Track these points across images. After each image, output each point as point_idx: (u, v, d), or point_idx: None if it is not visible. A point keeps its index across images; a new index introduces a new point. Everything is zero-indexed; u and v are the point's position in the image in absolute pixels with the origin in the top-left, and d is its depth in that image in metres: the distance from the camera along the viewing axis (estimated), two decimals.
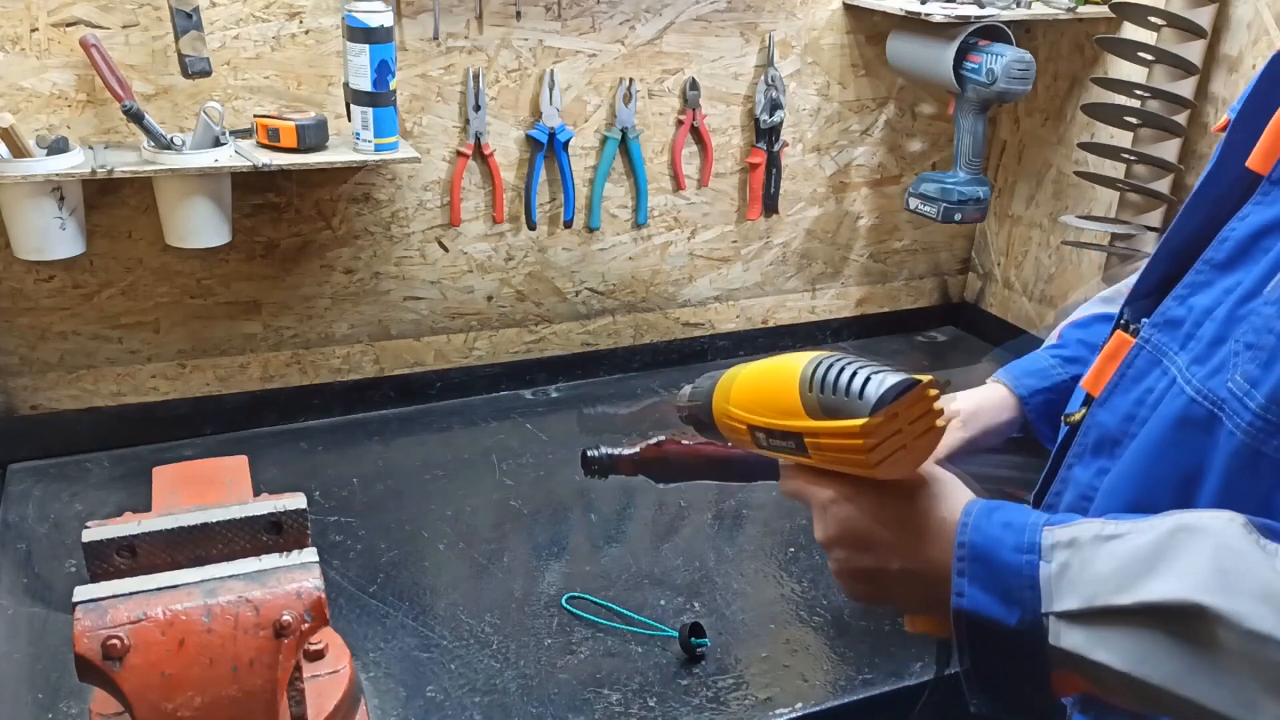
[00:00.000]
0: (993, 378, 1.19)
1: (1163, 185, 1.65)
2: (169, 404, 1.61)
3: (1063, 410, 0.92)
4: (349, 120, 1.45)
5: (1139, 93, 1.61)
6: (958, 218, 1.77)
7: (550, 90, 1.64)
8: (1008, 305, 2.08)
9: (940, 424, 0.74)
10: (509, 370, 1.82)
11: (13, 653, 1.16)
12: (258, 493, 0.97)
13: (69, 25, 1.36)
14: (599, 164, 1.72)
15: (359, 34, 1.37)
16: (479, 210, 1.69)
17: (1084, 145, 1.75)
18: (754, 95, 1.80)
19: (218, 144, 1.38)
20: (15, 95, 1.37)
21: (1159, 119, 1.60)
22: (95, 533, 0.86)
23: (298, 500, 0.93)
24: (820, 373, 0.73)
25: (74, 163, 1.32)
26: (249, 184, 1.51)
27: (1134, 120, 1.63)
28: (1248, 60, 1.56)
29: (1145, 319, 0.83)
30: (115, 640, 0.77)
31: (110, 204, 1.47)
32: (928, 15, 1.63)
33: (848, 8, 1.80)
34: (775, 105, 1.80)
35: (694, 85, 1.74)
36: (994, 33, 1.68)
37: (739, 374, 0.80)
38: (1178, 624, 0.65)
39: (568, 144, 1.68)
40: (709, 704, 1.10)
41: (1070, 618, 0.68)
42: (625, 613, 1.23)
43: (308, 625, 0.82)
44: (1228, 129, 0.84)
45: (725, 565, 1.35)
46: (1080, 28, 1.81)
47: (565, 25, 1.63)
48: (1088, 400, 0.89)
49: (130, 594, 0.80)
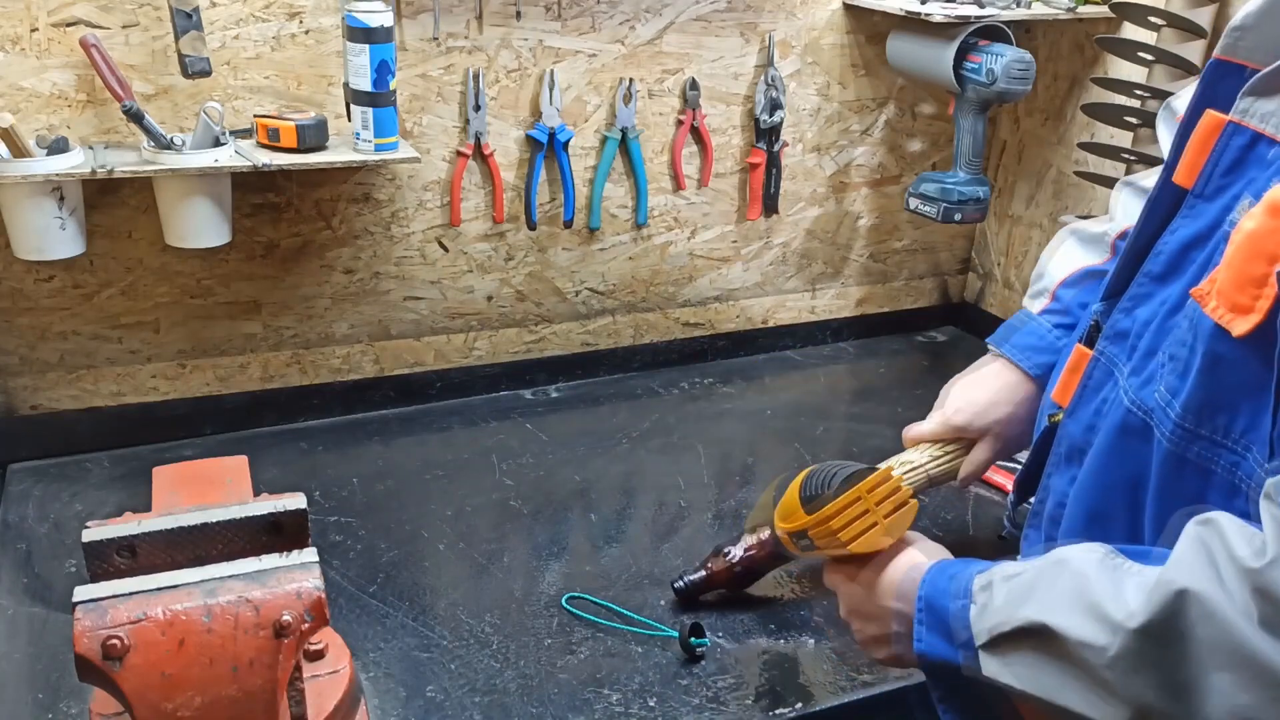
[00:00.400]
0: (993, 351, 1.19)
1: None
2: (169, 404, 1.61)
3: None
4: (349, 120, 1.46)
5: (1139, 93, 1.61)
6: (958, 218, 1.77)
7: (550, 90, 1.64)
8: (1008, 305, 2.08)
9: (911, 501, 0.93)
10: (509, 370, 1.82)
11: (13, 653, 1.16)
12: (258, 493, 0.97)
13: (69, 25, 1.36)
14: (599, 164, 1.72)
15: (359, 34, 1.37)
16: (479, 210, 1.69)
17: (1084, 145, 1.75)
18: (754, 95, 1.80)
19: (218, 144, 1.38)
20: (15, 95, 1.37)
21: None
22: (95, 533, 0.87)
23: (297, 500, 0.93)
24: (808, 478, 0.96)
25: (74, 163, 1.32)
26: (249, 184, 1.51)
27: (1134, 120, 1.63)
28: None
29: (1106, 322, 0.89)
30: (115, 640, 0.77)
31: (110, 204, 1.47)
32: (928, 15, 1.63)
33: (848, 8, 1.80)
34: (775, 105, 1.80)
35: (694, 85, 1.74)
36: (994, 33, 1.68)
37: (786, 492, 0.99)
38: (1040, 642, 0.73)
39: (568, 144, 1.68)
40: (709, 704, 1.10)
41: (986, 648, 0.78)
42: (625, 613, 1.23)
43: (308, 625, 0.82)
44: (1173, 141, 0.85)
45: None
46: (1080, 28, 1.81)
47: (565, 25, 1.63)
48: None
49: (130, 594, 0.80)
